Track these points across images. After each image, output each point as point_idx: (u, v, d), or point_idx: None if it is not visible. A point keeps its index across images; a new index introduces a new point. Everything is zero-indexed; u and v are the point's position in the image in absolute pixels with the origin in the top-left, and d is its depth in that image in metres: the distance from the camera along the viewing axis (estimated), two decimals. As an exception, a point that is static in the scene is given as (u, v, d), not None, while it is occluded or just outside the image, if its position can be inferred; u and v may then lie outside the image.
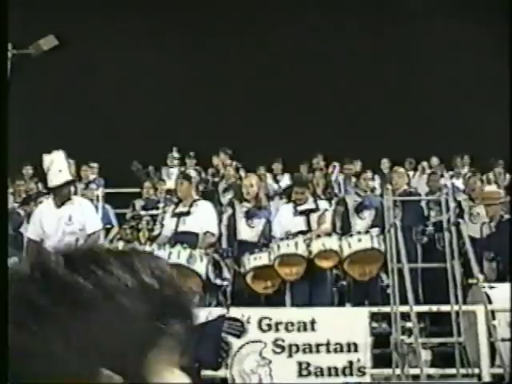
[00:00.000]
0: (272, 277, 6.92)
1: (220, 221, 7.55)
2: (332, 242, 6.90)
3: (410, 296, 5.72)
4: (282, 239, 7.03)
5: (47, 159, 6.25)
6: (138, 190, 10.91)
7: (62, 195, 6.32)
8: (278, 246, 6.86)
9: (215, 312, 6.25)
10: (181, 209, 7.07)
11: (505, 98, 9.93)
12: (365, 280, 7.03)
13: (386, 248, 6.47)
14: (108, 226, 8.79)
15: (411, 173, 10.82)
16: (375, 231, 7.11)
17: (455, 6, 13.98)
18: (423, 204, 8.01)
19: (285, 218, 7.34)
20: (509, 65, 10.61)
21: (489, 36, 13.12)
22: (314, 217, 7.27)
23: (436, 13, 14.23)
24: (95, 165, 11.92)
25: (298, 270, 6.81)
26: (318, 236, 7.01)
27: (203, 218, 6.91)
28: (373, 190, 8.80)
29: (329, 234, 7.06)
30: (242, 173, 11.10)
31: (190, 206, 7.04)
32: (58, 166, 6.24)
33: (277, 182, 11.68)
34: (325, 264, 6.89)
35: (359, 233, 7.14)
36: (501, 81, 10.58)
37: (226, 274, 7.16)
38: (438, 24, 14.10)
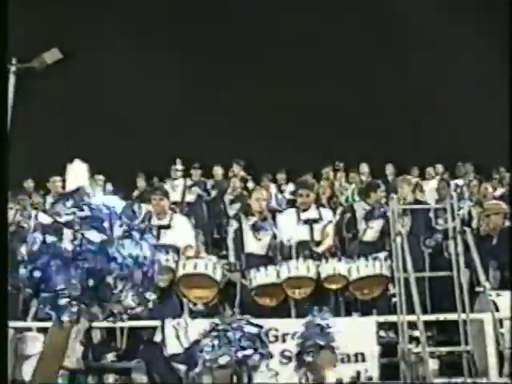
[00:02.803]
0: (277, 294, 6.89)
1: (225, 233, 7.54)
2: (341, 267, 6.85)
3: (417, 305, 5.71)
4: (291, 258, 6.93)
5: (69, 168, 6.37)
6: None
7: None
8: (288, 268, 6.78)
9: (222, 323, 6.23)
10: (160, 222, 7.13)
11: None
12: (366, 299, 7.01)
13: (392, 257, 6.46)
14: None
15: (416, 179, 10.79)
16: (383, 255, 7.07)
17: (455, 15, 14.01)
18: (431, 212, 7.99)
19: (288, 224, 7.31)
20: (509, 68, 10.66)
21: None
22: (317, 227, 7.23)
23: (438, 20, 14.21)
24: (101, 177, 11.96)
25: (305, 291, 6.79)
26: (326, 258, 6.98)
27: (182, 232, 7.08)
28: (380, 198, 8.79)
29: (338, 258, 7.00)
30: (251, 184, 11.16)
31: (170, 219, 7.18)
32: (76, 173, 6.35)
33: (281, 192, 11.72)
34: (333, 286, 6.88)
35: (366, 257, 7.06)
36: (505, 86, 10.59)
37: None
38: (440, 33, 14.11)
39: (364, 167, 11.54)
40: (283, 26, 14.78)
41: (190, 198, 11.72)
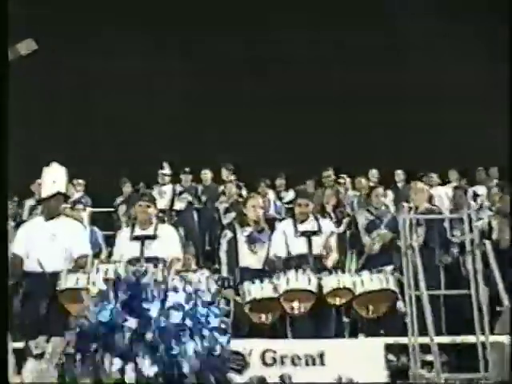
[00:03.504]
0: (272, 309, 6.83)
1: (219, 244, 7.48)
2: (346, 279, 6.81)
3: (431, 326, 5.64)
4: (289, 270, 6.86)
5: (45, 171, 6.43)
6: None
7: (51, 208, 6.46)
8: (288, 280, 6.73)
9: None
10: (145, 232, 7.06)
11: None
12: (372, 317, 6.94)
13: (403, 273, 6.39)
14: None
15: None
16: (389, 269, 7.01)
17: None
18: (446, 223, 7.92)
19: (284, 236, 7.25)
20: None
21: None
22: (316, 240, 7.18)
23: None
24: (81, 181, 11.91)
25: (305, 306, 6.73)
26: (329, 270, 6.90)
27: (169, 243, 7.01)
28: (386, 207, 8.75)
29: (342, 270, 6.95)
30: (244, 191, 11.11)
31: (155, 229, 7.08)
32: (53, 177, 6.38)
33: (280, 199, 11.67)
34: (337, 301, 6.81)
35: (371, 270, 7.00)
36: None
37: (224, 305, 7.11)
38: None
39: (374, 173, 11.49)
40: (281, 26, 14.84)
41: (179, 205, 11.70)
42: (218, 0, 14.85)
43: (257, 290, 6.80)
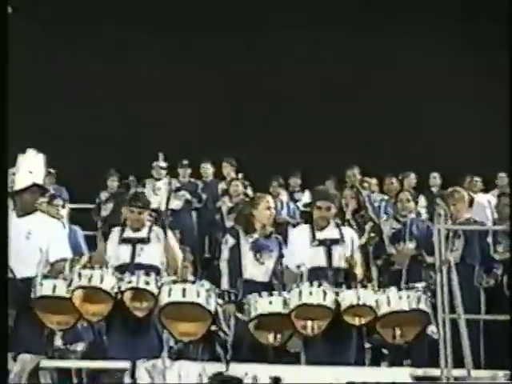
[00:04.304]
0: (282, 328, 6.75)
1: (218, 251, 7.46)
2: (368, 296, 6.74)
3: (468, 356, 5.61)
4: (302, 282, 6.81)
5: (20, 159, 6.41)
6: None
7: (25, 202, 6.50)
8: (300, 293, 6.67)
9: (210, 369, 6.16)
10: (137, 234, 7.07)
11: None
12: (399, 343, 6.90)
13: (437, 294, 6.36)
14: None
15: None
16: (421, 286, 6.95)
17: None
18: (489, 236, 7.89)
19: (300, 245, 7.18)
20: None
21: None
22: (337, 250, 7.11)
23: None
24: (51, 170, 11.91)
25: (319, 325, 6.65)
26: (348, 284, 6.86)
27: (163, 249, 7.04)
28: (418, 214, 8.72)
29: (363, 285, 6.90)
30: (249, 190, 11.11)
31: (149, 231, 7.09)
32: (29, 166, 6.37)
33: (295, 201, 11.65)
34: (356, 321, 6.75)
35: (400, 288, 6.95)
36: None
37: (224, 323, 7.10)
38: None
39: (411, 176, 11.47)
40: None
41: (175, 204, 11.69)
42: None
43: (264, 304, 6.73)
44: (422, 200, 10.40)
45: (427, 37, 14.55)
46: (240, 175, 11.81)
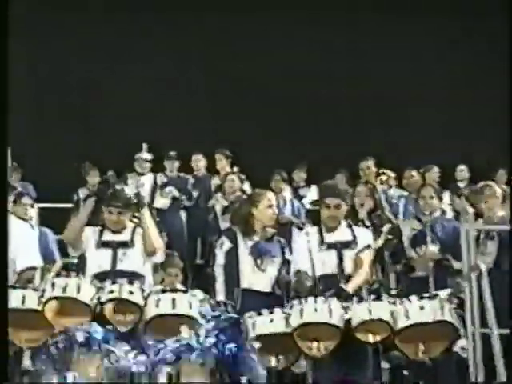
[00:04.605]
0: (286, 349, 6.73)
1: (213, 256, 7.44)
2: (382, 309, 6.70)
3: (503, 375, 5.61)
4: (306, 296, 6.79)
5: None
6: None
7: None
8: (302, 310, 6.65)
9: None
10: (117, 237, 7.09)
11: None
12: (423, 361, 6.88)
13: (465, 304, 6.36)
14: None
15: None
16: (445, 294, 6.93)
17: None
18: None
19: (306, 249, 7.09)
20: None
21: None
22: (349, 255, 7.12)
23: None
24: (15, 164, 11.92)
25: (327, 346, 6.62)
26: (359, 296, 6.84)
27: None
28: (443, 213, 8.71)
29: (377, 297, 6.87)
30: (247, 186, 11.11)
31: (132, 233, 7.11)
32: None
33: (299, 198, 11.66)
34: (369, 338, 6.73)
35: (422, 297, 6.93)
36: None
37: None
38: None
39: (434, 169, 11.49)
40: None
41: (161, 202, 11.74)
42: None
43: (265, 323, 6.70)
44: (447, 196, 10.39)
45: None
46: (236, 168, 11.77)
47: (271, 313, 6.72)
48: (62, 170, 12.80)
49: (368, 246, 7.22)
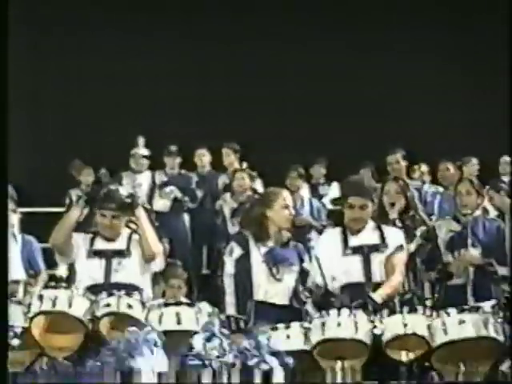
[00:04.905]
0: (305, 369, 6.66)
1: (221, 265, 7.46)
2: (418, 322, 6.75)
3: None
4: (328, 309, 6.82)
5: None
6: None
7: None
8: (323, 325, 6.65)
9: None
10: (111, 245, 7.16)
11: None
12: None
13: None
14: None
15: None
16: (489, 305, 6.94)
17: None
18: None
19: (329, 254, 7.23)
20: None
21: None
22: (378, 260, 7.16)
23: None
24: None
25: (354, 365, 6.62)
26: (391, 310, 6.83)
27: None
28: (485, 212, 8.73)
29: (413, 308, 6.88)
30: (258, 184, 11.14)
31: (128, 241, 7.20)
32: None
33: (319, 197, 11.69)
34: (403, 356, 6.73)
35: (462, 309, 6.93)
36: None
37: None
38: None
39: (473, 161, 11.52)
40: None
41: (161, 204, 11.77)
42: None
43: (281, 339, 6.64)
44: (489, 193, 10.39)
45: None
46: (246, 164, 11.80)
47: (287, 328, 6.70)
48: (47, 170, 12.84)
49: (401, 247, 7.23)
